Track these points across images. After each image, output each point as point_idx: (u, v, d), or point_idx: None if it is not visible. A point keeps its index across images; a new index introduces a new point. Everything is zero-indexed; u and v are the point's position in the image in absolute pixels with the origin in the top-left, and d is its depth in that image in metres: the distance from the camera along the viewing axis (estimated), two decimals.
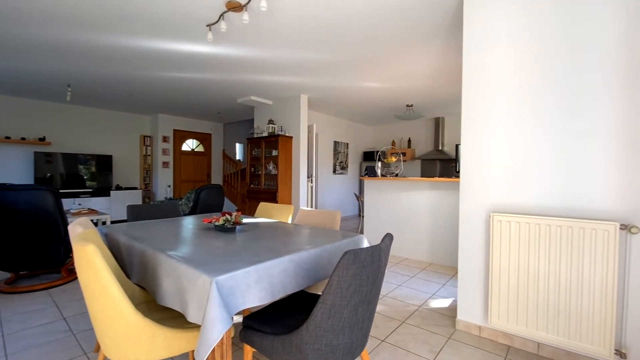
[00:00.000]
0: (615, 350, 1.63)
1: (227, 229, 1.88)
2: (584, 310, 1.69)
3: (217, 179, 8.59)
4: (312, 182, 5.84)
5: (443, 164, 7.26)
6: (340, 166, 7.79)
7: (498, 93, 2.05)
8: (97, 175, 6.57)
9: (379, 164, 4.68)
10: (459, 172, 2.19)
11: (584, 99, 1.76)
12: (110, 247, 1.87)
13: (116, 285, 1.14)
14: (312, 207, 5.85)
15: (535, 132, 1.91)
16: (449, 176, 5.32)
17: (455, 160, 6.94)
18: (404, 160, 7.64)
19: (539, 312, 1.82)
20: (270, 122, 5.73)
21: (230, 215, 1.93)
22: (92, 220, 4.25)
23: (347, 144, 8.01)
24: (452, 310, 2.47)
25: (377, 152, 6.75)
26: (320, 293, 1.68)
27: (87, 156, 6.44)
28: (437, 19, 2.74)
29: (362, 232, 4.77)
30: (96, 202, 6.32)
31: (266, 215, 2.72)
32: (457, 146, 7.04)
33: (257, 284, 1.24)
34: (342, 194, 7.85)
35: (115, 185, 6.94)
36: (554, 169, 1.85)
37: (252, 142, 6.07)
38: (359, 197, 6.20)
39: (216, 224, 1.89)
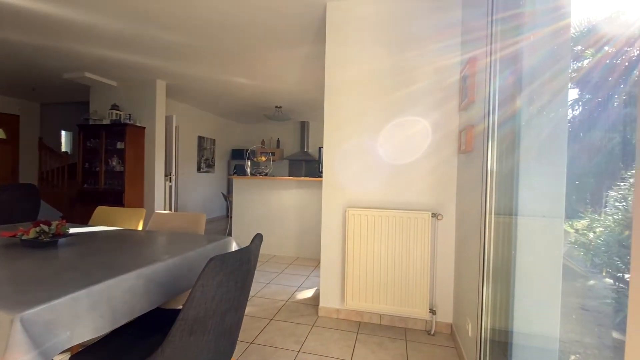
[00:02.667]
0: (430, 309, 2.15)
1: (42, 244, 1.41)
2: (411, 281, 2.15)
3: (29, 176, 6.41)
4: (171, 181, 5.17)
5: (308, 165, 7.85)
6: (206, 164, 7.24)
7: (352, 107, 2.35)
8: None
9: (249, 162, 4.61)
10: (322, 172, 2.40)
11: (407, 125, 2.23)
12: None
13: None
14: (171, 209, 5.19)
15: (377, 143, 2.30)
16: (314, 176, 5.78)
17: (319, 161, 7.64)
18: (273, 160, 7.82)
19: (381, 289, 2.20)
20: (115, 107, 4.73)
21: (49, 224, 1.45)
22: None
23: (214, 140, 7.53)
24: (315, 299, 2.68)
25: (247, 150, 6.64)
26: (180, 307, 1.49)
27: None
28: (302, 29, 2.91)
29: (230, 234, 4.57)
30: None
31: (107, 222, 2.21)
32: (320, 149, 7.75)
33: (91, 312, 0.97)
34: (208, 194, 7.32)
35: None
36: (391, 174, 2.28)
37: (87, 131, 4.85)
38: (228, 196, 5.93)
39: (24, 237, 1.39)
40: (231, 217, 4.54)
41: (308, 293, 2.84)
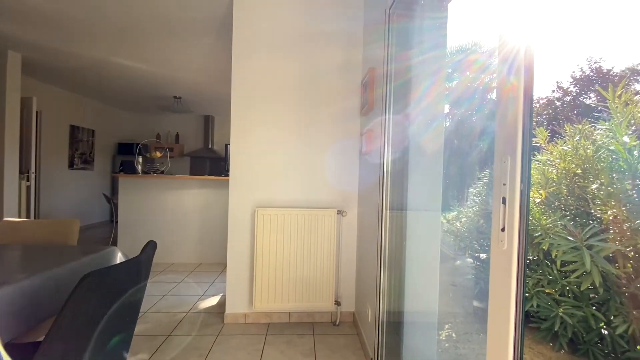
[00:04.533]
0: (335, 301, 2.27)
1: None
2: (318, 277, 2.23)
3: None
4: (29, 181, 4.10)
5: (213, 162, 7.35)
6: (81, 159, 6.01)
7: (261, 104, 2.30)
8: None
9: (140, 158, 4.03)
10: (229, 171, 2.28)
11: (314, 126, 2.32)
12: None
13: None
14: (30, 216, 4.12)
15: (286, 146, 2.32)
16: (219, 174, 5.44)
17: (225, 159, 7.24)
18: (172, 157, 7.04)
19: (290, 287, 2.22)
20: None
21: None
22: None
23: (94, 131, 6.32)
24: (221, 306, 2.52)
25: (138, 145, 5.74)
26: (42, 339, 1.18)
27: None
28: (207, 17, 2.70)
29: (115, 243, 3.90)
30: None
31: None
32: (226, 146, 7.34)
33: None
34: (85, 196, 6.10)
35: None
36: (301, 173, 2.32)
37: None
38: (112, 198, 5.05)
39: None
40: (116, 222, 3.88)
41: (213, 301, 2.65)
